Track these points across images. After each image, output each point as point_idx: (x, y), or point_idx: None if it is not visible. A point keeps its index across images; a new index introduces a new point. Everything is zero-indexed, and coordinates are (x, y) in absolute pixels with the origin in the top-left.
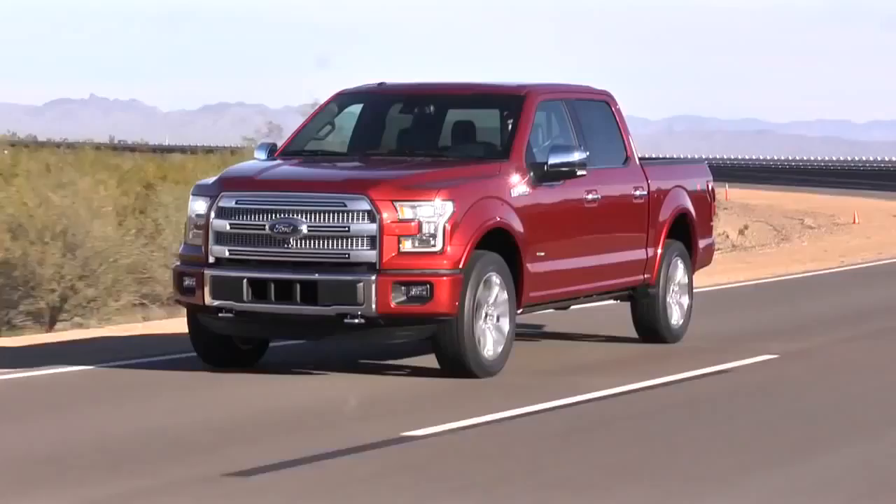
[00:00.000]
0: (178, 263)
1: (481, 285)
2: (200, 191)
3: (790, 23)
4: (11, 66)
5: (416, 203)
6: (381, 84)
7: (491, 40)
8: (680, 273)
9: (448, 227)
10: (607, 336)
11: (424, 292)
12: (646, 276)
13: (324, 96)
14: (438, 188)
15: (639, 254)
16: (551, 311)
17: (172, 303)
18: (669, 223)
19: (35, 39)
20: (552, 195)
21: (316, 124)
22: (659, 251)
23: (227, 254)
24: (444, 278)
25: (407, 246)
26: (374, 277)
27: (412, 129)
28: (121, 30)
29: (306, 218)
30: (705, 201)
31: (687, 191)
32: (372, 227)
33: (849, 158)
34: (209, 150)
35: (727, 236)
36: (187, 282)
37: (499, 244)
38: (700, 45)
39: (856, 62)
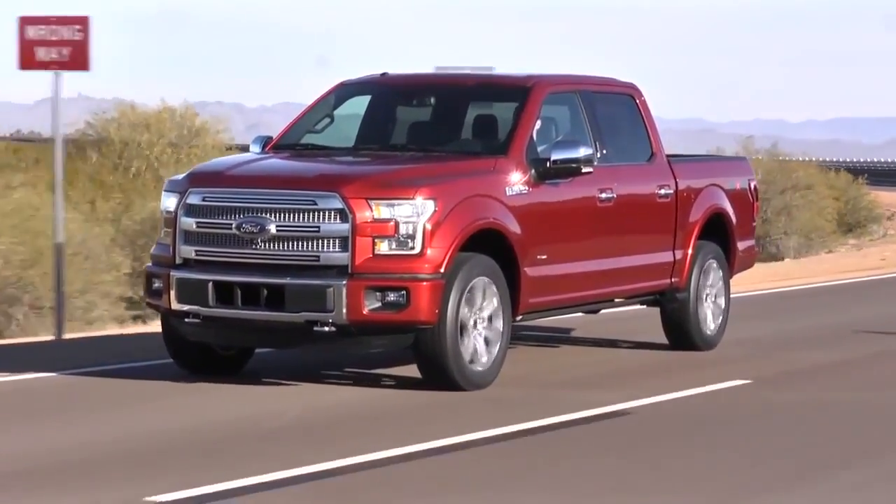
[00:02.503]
0: (150, 264)
1: (468, 291)
2: (171, 186)
3: (729, 26)
4: (3, 67)
5: (393, 201)
6: (383, 74)
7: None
8: (715, 277)
9: (429, 227)
10: (638, 342)
11: (400, 298)
12: (674, 279)
13: (297, 96)
14: (419, 185)
15: (665, 256)
16: (581, 314)
17: None
18: (701, 224)
19: None
20: (557, 194)
21: (313, 117)
22: (689, 253)
23: (193, 254)
24: (423, 283)
25: (383, 248)
26: (344, 282)
27: (410, 123)
28: (106, 32)
29: (275, 217)
30: (746, 200)
31: (724, 189)
32: (344, 228)
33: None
34: None
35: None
36: (156, 284)
37: (493, 247)
38: (647, 47)
39: (790, 64)
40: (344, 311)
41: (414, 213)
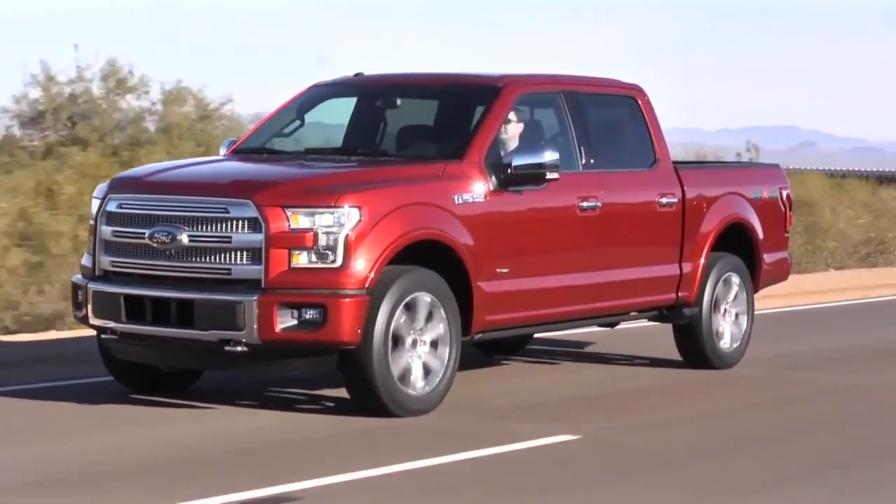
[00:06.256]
0: (77, 275)
1: (402, 307)
2: (96, 192)
3: (649, 43)
4: (8, 78)
5: (313, 209)
6: (357, 75)
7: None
8: (734, 291)
9: (352, 238)
10: (653, 359)
11: (317, 316)
12: (682, 294)
13: (261, 106)
14: (342, 192)
15: (668, 269)
16: (597, 328)
17: None
18: (715, 235)
19: (30, 53)
20: (523, 202)
21: (281, 119)
22: (701, 266)
23: (110, 266)
24: (344, 300)
25: (301, 260)
26: (255, 297)
27: (369, 125)
28: (102, 46)
29: (188, 226)
30: (776, 210)
31: (747, 198)
32: (257, 238)
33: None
34: None
35: None
36: (79, 296)
37: (442, 260)
38: (578, 60)
39: (703, 76)
40: (255, 329)
41: (335, 222)
